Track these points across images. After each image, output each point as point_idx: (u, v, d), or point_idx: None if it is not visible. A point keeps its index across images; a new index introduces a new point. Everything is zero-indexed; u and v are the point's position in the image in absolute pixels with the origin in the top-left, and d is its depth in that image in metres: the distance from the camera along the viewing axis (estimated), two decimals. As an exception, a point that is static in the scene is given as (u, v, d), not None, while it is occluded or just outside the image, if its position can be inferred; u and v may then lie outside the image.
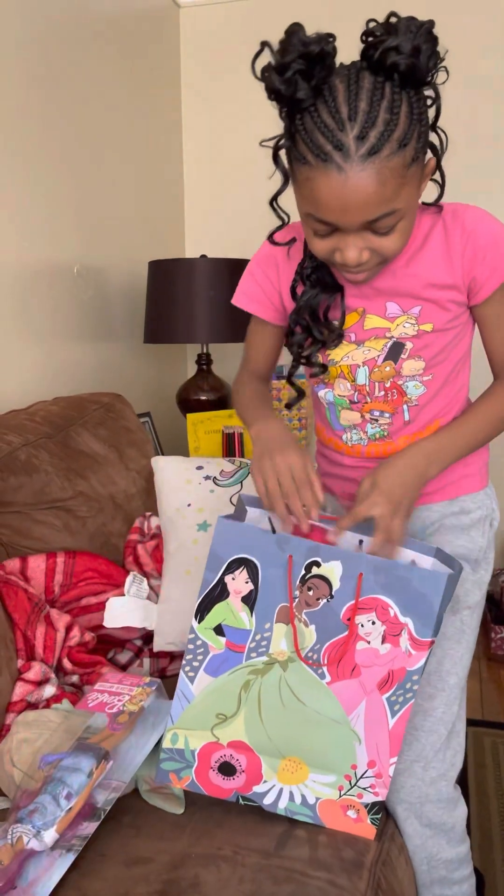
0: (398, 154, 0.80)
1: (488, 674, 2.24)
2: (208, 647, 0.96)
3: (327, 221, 0.85)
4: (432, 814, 1.02)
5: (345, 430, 1.09)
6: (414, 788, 1.02)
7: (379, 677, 0.93)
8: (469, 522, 1.10)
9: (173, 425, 2.52)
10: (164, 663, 1.43)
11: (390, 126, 0.79)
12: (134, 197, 2.38)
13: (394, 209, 0.83)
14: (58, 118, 1.93)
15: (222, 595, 0.95)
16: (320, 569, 0.93)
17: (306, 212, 0.87)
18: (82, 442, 1.63)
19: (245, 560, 0.94)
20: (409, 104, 0.80)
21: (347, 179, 0.79)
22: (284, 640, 0.94)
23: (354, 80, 0.79)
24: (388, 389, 1.03)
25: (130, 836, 0.95)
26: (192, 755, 0.97)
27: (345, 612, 0.93)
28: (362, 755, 0.95)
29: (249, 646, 0.95)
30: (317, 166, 0.81)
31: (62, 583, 1.39)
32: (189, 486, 1.57)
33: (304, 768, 0.96)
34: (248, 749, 0.96)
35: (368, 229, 0.85)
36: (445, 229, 0.95)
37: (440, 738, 1.04)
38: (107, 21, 2.17)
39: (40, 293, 1.89)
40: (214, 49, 2.64)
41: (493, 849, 1.50)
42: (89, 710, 1.03)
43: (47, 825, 0.86)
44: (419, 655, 0.93)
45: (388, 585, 0.92)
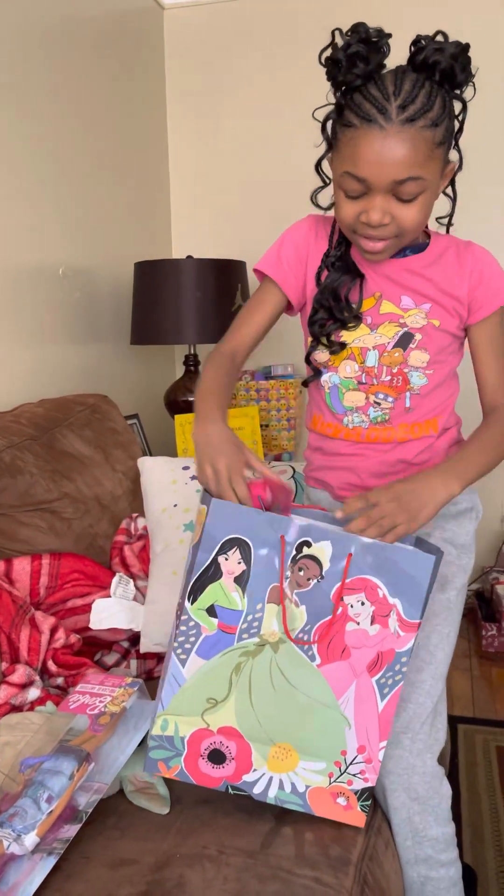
0: (430, 129, 0.93)
1: (479, 671, 2.24)
2: (200, 629, 0.95)
3: (362, 178, 0.95)
4: (419, 786, 1.03)
5: (346, 412, 1.15)
6: (401, 759, 1.04)
7: (368, 659, 0.94)
8: (456, 511, 1.18)
9: (162, 427, 2.51)
10: (151, 665, 1.42)
11: (426, 107, 0.93)
12: (120, 198, 2.38)
13: (419, 175, 0.95)
14: (42, 120, 1.93)
15: (216, 575, 0.95)
16: (311, 549, 0.94)
17: (344, 171, 0.97)
18: (68, 443, 1.62)
19: (238, 540, 0.94)
20: (443, 98, 0.95)
21: (387, 137, 0.92)
22: (276, 621, 0.95)
23: (401, 72, 0.95)
24: (394, 375, 1.11)
25: (115, 837, 0.94)
26: (182, 742, 0.97)
27: (335, 593, 0.94)
28: (352, 740, 0.95)
29: (241, 627, 0.95)
30: (361, 127, 0.94)
31: (48, 585, 1.38)
32: (175, 486, 1.57)
33: (294, 755, 0.96)
34: (239, 735, 0.96)
35: (394, 193, 0.96)
36: (458, 252, 1.11)
37: (426, 711, 1.07)
38: (90, 22, 2.17)
39: (26, 295, 1.88)
40: (198, 50, 2.64)
41: (484, 846, 1.49)
42: (71, 711, 1.02)
43: (28, 829, 0.85)
44: (408, 637, 0.94)
45: (377, 566, 0.93)
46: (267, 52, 2.57)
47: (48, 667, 1.24)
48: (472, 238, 1.15)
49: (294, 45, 2.51)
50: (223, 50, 2.62)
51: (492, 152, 2.43)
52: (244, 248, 2.48)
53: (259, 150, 2.61)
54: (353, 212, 0.99)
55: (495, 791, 1.66)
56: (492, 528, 2.65)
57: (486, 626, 2.34)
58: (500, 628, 2.33)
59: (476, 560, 2.94)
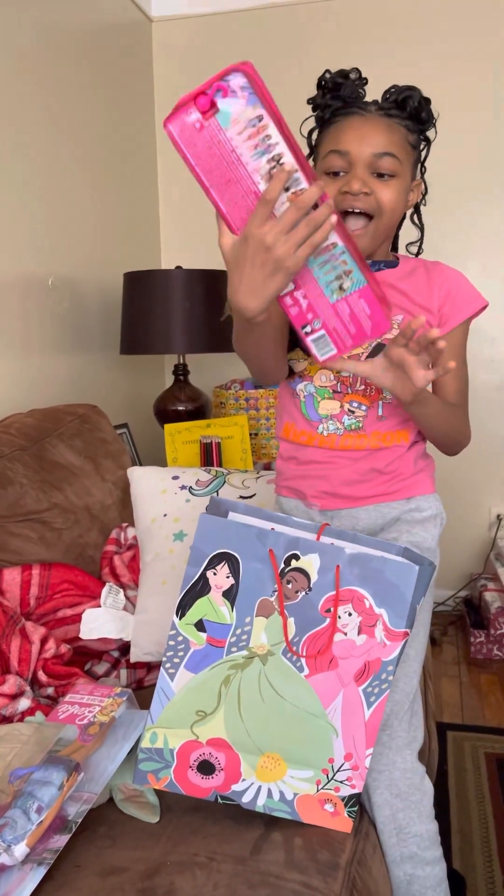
0: (403, 125, 1.08)
1: (468, 678, 2.25)
2: (189, 643, 0.96)
3: (344, 151, 1.05)
4: (401, 782, 1.05)
5: (321, 420, 1.18)
6: (381, 755, 1.05)
7: (355, 669, 0.95)
8: (422, 518, 1.22)
9: (151, 436, 2.52)
10: (142, 674, 1.42)
11: (401, 113, 1.08)
12: (109, 209, 2.39)
13: (395, 154, 1.06)
14: (31, 131, 1.94)
15: (204, 590, 0.96)
16: (299, 562, 0.95)
17: (329, 151, 1.07)
18: (58, 453, 1.63)
19: (226, 555, 0.95)
20: (411, 127, 1.09)
21: (366, 119, 1.07)
22: (265, 634, 0.96)
23: (376, 101, 1.10)
24: (367, 384, 1.15)
25: (105, 846, 0.94)
26: (171, 754, 0.97)
27: (323, 604, 0.95)
28: (339, 749, 0.96)
29: (230, 640, 0.96)
30: (345, 119, 1.08)
31: (38, 595, 1.38)
32: (165, 496, 1.58)
33: (282, 764, 0.97)
34: (228, 746, 0.97)
35: (373, 170, 1.06)
36: (427, 270, 1.18)
37: (403, 708, 1.09)
38: (79, 34, 2.18)
39: (15, 305, 1.89)
40: (187, 62, 2.67)
41: (473, 852, 1.50)
42: (60, 722, 1.02)
43: (17, 839, 0.85)
44: (393, 646, 0.95)
45: (364, 577, 0.94)
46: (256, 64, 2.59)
47: (38, 677, 1.25)
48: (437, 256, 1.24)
49: (281, 58, 2.53)
50: (211, 62, 2.63)
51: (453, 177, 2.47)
52: (233, 258, 2.49)
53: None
54: (335, 188, 1.06)
55: (484, 797, 1.67)
56: (480, 535, 2.67)
57: (474, 633, 2.35)
58: (488, 635, 2.34)
59: (464, 567, 2.96)
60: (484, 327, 1.21)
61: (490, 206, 2.51)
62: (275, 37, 2.56)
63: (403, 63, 2.43)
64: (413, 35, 2.46)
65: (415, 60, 2.44)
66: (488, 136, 2.47)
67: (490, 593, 2.44)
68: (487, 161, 2.48)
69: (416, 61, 2.44)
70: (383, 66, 1.08)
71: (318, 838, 0.96)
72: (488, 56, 2.43)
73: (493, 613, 2.33)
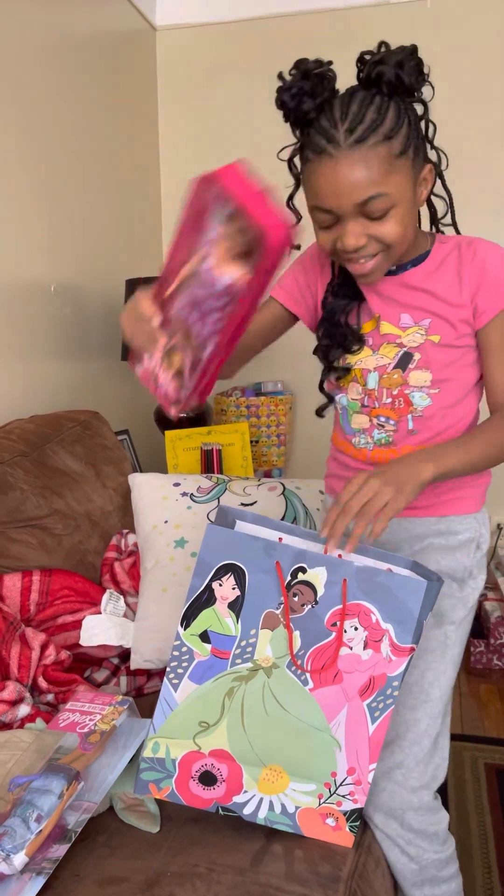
0: (384, 144, 0.91)
1: (468, 688, 2.24)
2: (193, 654, 0.96)
3: (326, 209, 0.95)
4: (414, 821, 1.03)
5: (355, 433, 1.14)
6: (394, 794, 1.02)
7: (360, 683, 0.94)
8: (456, 544, 1.13)
9: (152, 443, 2.52)
10: (142, 681, 1.42)
11: (376, 122, 0.91)
12: (112, 215, 2.40)
13: (382, 192, 0.92)
14: (36, 138, 1.94)
15: (209, 601, 0.95)
16: (306, 575, 0.94)
17: (311, 205, 0.97)
18: (58, 460, 1.63)
19: (232, 566, 0.95)
20: (396, 107, 0.92)
21: (337, 164, 0.91)
22: (269, 647, 0.95)
23: (349, 94, 0.93)
24: (395, 397, 1.09)
25: (105, 855, 0.94)
26: (173, 764, 0.97)
27: (329, 618, 0.94)
28: (342, 762, 0.95)
29: (234, 652, 0.95)
30: (314, 161, 0.93)
31: (38, 601, 1.38)
32: (166, 502, 1.57)
33: (284, 777, 0.96)
34: (230, 758, 0.96)
35: (362, 214, 0.94)
36: (460, 256, 1.05)
37: (423, 750, 1.04)
38: (84, 42, 2.19)
39: (17, 311, 1.89)
40: (190, 70, 2.68)
41: (472, 862, 1.50)
42: (60, 729, 1.02)
43: (17, 848, 0.84)
44: (399, 661, 0.94)
45: (370, 592, 0.93)
46: (258, 73, 2.61)
47: (38, 683, 1.24)
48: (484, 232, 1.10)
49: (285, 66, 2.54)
50: (214, 70, 2.65)
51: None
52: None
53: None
54: (329, 240, 0.98)
55: (483, 808, 1.66)
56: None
57: (474, 643, 2.35)
58: (488, 645, 2.34)
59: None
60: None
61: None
62: (278, 46, 2.57)
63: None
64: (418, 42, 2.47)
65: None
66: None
67: (490, 603, 2.44)
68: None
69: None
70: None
71: (319, 851, 0.95)
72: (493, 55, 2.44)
73: (493, 623, 2.33)
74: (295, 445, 2.65)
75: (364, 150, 0.90)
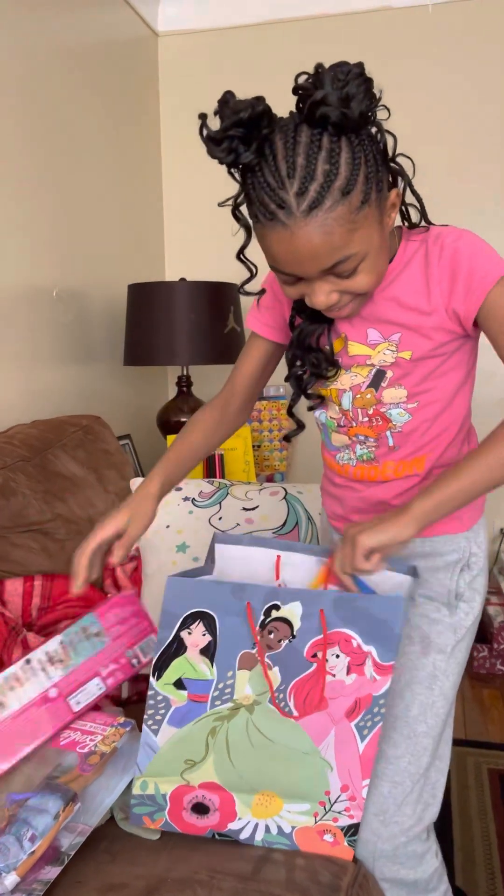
0: (342, 203, 0.80)
1: (471, 693, 2.24)
2: (170, 702, 0.95)
3: (288, 273, 0.87)
4: (387, 869, 0.98)
5: (338, 450, 1.09)
6: (367, 843, 0.98)
7: (346, 707, 0.93)
8: (442, 564, 1.06)
9: (154, 447, 2.52)
10: (143, 686, 1.42)
11: (330, 177, 0.79)
12: (114, 221, 2.40)
13: (347, 255, 0.84)
14: (39, 144, 1.95)
15: (179, 651, 0.94)
16: (280, 611, 0.92)
17: (269, 264, 0.89)
18: (61, 464, 1.63)
19: (201, 613, 0.93)
20: (349, 150, 0.80)
21: (293, 235, 0.81)
22: (249, 686, 0.93)
23: (292, 135, 0.80)
24: (371, 416, 1.02)
25: (106, 861, 0.94)
26: (164, 798, 0.96)
27: (308, 650, 0.92)
28: (335, 781, 0.94)
29: (213, 695, 0.94)
30: (266, 224, 0.83)
31: (40, 606, 1.38)
32: (168, 507, 1.58)
33: (277, 801, 0.95)
34: (221, 788, 0.95)
35: (330, 274, 0.86)
36: (427, 254, 0.95)
37: (404, 792, 0.99)
38: (86, 49, 2.20)
39: (20, 316, 1.90)
40: (192, 76, 2.69)
41: (475, 869, 1.49)
42: (61, 748, 1.00)
43: (9, 868, 0.83)
44: (384, 680, 0.92)
45: (349, 618, 0.92)
46: (260, 79, 2.61)
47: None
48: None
49: (287, 72, 2.55)
50: (217, 76, 2.66)
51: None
52: (237, 271, 2.49)
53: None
54: (296, 294, 0.91)
55: (487, 814, 1.66)
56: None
57: (477, 648, 2.34)
58: (491, 650, 2.33)
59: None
60: (485, 339, 1.20)
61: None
62: (280, 52, 2.57)
63: (411, 77, 2.45)
64: (421, 49, 2.47)
65: (423, 74, 2.45)
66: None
67: (493, 607, 2.43)
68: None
69: (424, 75, 2.45)
70: (390, 82, 1.01)
71: (319, 859, 0.95)
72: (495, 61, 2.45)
73: (496, 628, 2.32)
74: (297, 450, 2.65)
75: (321, 216, 0.80)
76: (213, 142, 0.81)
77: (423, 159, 0.95)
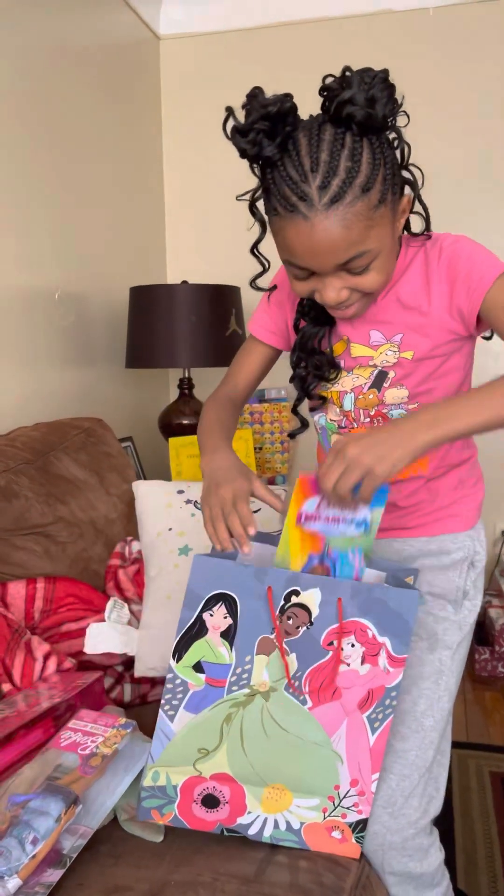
0: (361, 199, 0.84)
1: (473, 695, 2.24)
2: (188, 686, 0.95)
3: (303, 267, 0.89)
4: (395, 862, 0.99)
5: None
6: (376, 835, 0.99)
7: (359, 697, 0.94)
8: (448, 563, 1.09)
9: (155, 449, 2.53)
10: (146, 689, 1.42)
11: (352, 173, 0.83)
12: (115, 224, 2.40)
13: (363, 251, 0.87)
14: (40, 147, 1.95)
15: (201, 632, 0.94)
16: (300, 597, 0.93)
17: (284, 258, 0.91)
18: (63, 467, 1.63)
19: (223, 595, 0.93)
20: (370, 151, 0.84)
21: (313, 227, 0.84)
22: (266, 671, 0.94)
23: (316, 133, 0.84)
24: (373, 417, 1.04)
25: (109, 864, 0.94)
26: (175, 790, 0.96)
27: (325, 638, 0.93)
28: (345, 775, 0.95)
29: (230, 679, 0.94)
30: (285, 216, 0.86)
31: (42, 609, 1.38)
32: (170, 510, 1.57)
33: (287, 795, 0.96)
34: (232, 780, 0.96)
35: (343, 270, 0.89)
36: (426, 258, 0.98)
37: (412, 784, 1.01)
38: (88, 52, 2.21)
39: (22, 318, 1.90)
40: (194, 79, 2.69)
41: (477, 871, 1.49)
42: (62, 749, 1.00)
43: (11, 871, 0.83)
44: (396, 672, 0.94)
45: (366, 608, 0.93)
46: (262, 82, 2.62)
47: (42, 691, 1.24)
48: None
49: (288, 75, 2.55)
50: (218, 79, 2.66)
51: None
52: (238, 273, 2.50)
53: (253, 177, 2.65)
54: (306, 289, 0.93)
55: (489, 816, 1.66)
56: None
57: (478, 650, 2.34)
58: (493, 652, 2.33)
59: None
60: (487, 343, 1.19)
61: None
62: (281, 55, 2.58)
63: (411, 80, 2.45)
64: (422, 51, 2.48)
65: (423, 77, 2.46)
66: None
67: (495, 610, 2.43)
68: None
69: (424, 78, 2.46)
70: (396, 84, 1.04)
71: (323, 861, 0.95)
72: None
73: (497, 630, 2.32)
74: (298, 452, 2.65)
75: (341, 210, 0.83)
76: (239, 133, 0.85)
77: (422, 162, 0.97)
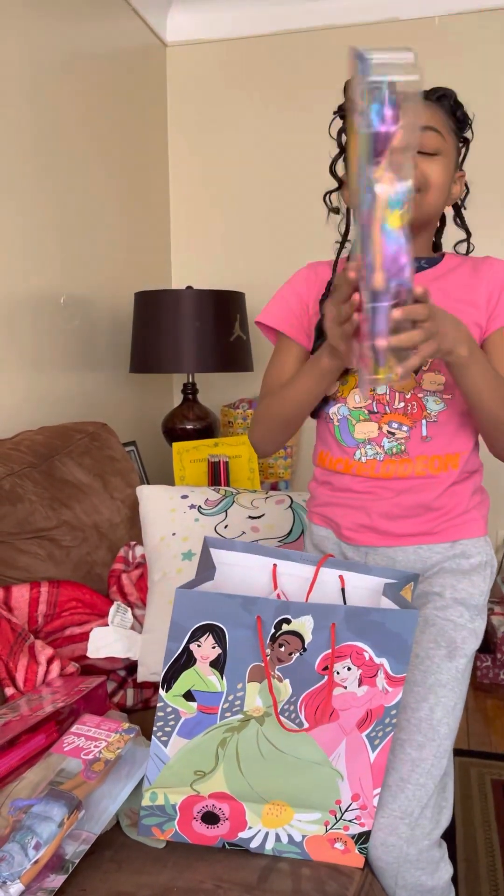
0: (446, 114, 1.06)
1: (474, 703, 2.23)
2: (179, 713, 0.94)
3: None
4: (409, 875, 0.98)
5: (358, 445, 1.08)
6: (393, 848, 0.97)
7: (357, 718, 0.92)
8: (469, 567, 1.09)
9: (159, 454, 2.53)
10: (148, 694, 1.42)
11: (443, 99, 1.07)
12: (121, 229, 2.41)
13: (439, 130, 1.03)
14: (46, 153, 1.96)
15: (189, 663, 0.92)
16: (290, 625, 0.91)
17: None
18: (67, 471, 1.63)
19: (210, 626, 0.91)
20: (454, 123, 1.07)
21: None
22: (259, 698, 0.93)
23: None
24: (408, 401, 1.04)
25: (111, 870, 0.93)
26: (174, 809, 0.96)
27: (319, 663, 0.91)
28: (346, 790, 0.94)
29: (223, 706, 0.93)
30: None
31: (46, 613, 1.38)
32: (174, 514, 1.58)
33: (288, 810, 0.95)
34: (230, 798, 0.95)
35: (419, 150, 0.99)
36: (474, 264, 1.08)
37: (428, 793, 1.00)
38: (95, 59, 2.22)
39: (27, 323, 1.90)
40: (200, 86, 2.70)
41: (479, 881, 1.48)
42: (64, 753, 1.00)
43: (14, 876, 0.82)
44: (396, 692, 0.92)
45: (361, 631, 0.91)
46: (267, 89, 2.63)
47: (45, 696, 1.24)
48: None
49: (294, 82, 2.56)
50: (224, 86, 2.67)
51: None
52: (243, 279, 2.51)
53: (258, 183, 2.66)
54: None
55: (490, 825, 1.65)
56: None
57: (481, 658, 2.34)
58: (494, 660, 2.32)
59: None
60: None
61: None
62: (287, 63, 2.59)
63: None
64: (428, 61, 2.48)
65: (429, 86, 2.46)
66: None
67: (497, 617, 2.43)
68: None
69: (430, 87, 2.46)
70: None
71: (325, 869, 0.94)
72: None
73: (499, 638, 2.31)
74: (301, 457, 2.65)
75: (430, 103, 1.05)
76: None
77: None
